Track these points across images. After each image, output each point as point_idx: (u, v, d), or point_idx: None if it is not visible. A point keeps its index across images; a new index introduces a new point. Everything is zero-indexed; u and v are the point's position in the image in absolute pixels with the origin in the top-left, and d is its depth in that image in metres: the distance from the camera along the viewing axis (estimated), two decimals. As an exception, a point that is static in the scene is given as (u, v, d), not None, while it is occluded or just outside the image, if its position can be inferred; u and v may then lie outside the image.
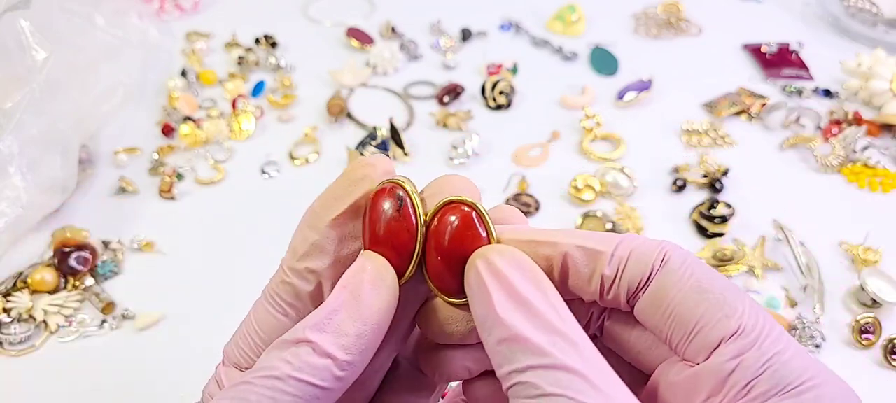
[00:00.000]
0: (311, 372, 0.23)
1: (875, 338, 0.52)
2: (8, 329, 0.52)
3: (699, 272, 0.23)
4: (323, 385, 0.23)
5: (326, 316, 0.24)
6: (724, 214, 0.61)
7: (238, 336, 0.28)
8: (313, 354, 0.23)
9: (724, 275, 0.25)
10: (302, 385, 0.23)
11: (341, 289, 0.25)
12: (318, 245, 0.27)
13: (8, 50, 0.56)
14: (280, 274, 0.28)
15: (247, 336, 0.28)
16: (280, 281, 0.27)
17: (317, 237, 0.27)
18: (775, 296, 0.53)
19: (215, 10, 0.91)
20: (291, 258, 0.27)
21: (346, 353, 0.23)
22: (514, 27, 0.89)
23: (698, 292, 0.23)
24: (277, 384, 0.23)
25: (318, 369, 0.23)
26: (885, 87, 0.74)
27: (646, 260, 0.24)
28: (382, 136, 0.69)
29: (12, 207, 0.56)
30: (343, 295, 0.24)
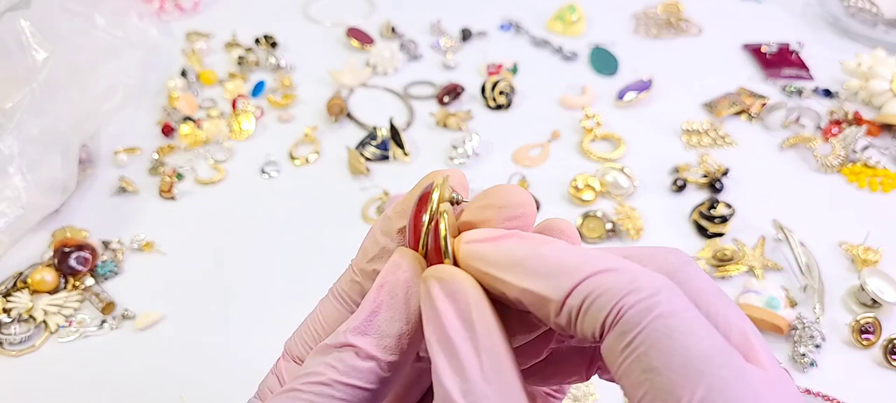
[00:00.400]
0: (357, 376, 0.23)
1: (875, 338, 0.52)
2: (8, 329, 0.52)
3: (653, 340, 0.19)
4: (369, 387, 0.23)
5: (367, 318, 0.24)
6: (724, 214, 0.61)
7: (302, 331, 0.28)
8: (357, 358, 0.23)
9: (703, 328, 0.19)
10: (349, 389, 0.23)
11: (379, 289, 0.24)
12: (387, 249, 0.27)
13: (8, 50, 0.56)
14: (349, 273, 0.28)
15: (312, 331, 0.28)
16: (349, 279, 0.28)
17: (386, 241, 0.27)
18: (775, 296, 0.53)
19: (215, 10, 0.91)
20: (361, 258, 0.27)
21: (389, 354, 0.24)
22: (514, 27, 0.89)
23: (643, 371, 0.19)
24: (325, 390, 0.23)
25: (364, 372, 0.23)
26: (885, 87, 0.74)
27: (597, 315, 0.20)
28: (382, 136, 0.69)
29: (12, 207, 0.56)
30: (381, 295, 0.24)
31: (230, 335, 0.53)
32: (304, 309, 0.42)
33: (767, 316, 0.52)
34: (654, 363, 0.19)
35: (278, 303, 0.55)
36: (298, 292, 0.55)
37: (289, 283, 0.56)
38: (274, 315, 0.54)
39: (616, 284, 0.20)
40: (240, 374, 0.50)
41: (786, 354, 0.51)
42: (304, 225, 0.61)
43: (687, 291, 0.20)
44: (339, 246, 0.59)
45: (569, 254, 0.21)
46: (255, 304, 0.55)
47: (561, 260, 0.21)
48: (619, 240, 0.61)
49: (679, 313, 0.19)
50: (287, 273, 0.57)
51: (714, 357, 0.19)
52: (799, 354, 0.50)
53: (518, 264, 0.22)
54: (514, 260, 0.22)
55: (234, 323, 0.53)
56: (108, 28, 0.70)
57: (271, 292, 0.56)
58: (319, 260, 0.58)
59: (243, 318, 0.54)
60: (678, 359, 0.19)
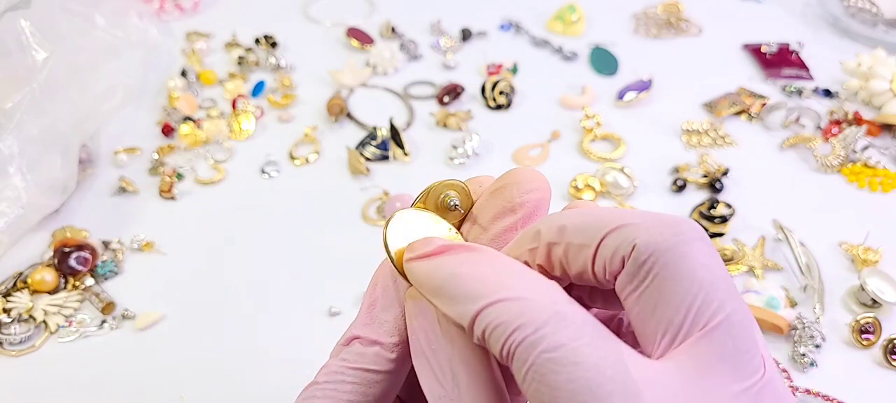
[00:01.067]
0: (365, 361, 0.26)
1: (875, 338, 0.52)
2: (8, 329, 0.52)
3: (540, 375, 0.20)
4: (379, 369, 0.26)
5: (366, 312, 0.27)
6: (724, 214, 0.61)
7: None
8: (362, 346, 0.26)
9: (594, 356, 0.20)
10: (358, 372, 0.26)
11: (373, 288, 0.28)
12: None
13: (8, 50, 0.56)
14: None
15: None
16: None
17: None
18: (775, 296, 0.53)
19: (215, 10, 0.91)
20: None
21: (390, 336, 0.26)
22: (514, 27, 0.89)
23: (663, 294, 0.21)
24: (337, 376, 0.26)
25: (370, 356, 0.26)
26: (885, 87, 0.74)
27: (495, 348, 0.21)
28: (382, 136, 0.69)
29: (12, 207, 0.56)
30: (376, 292, 0.27)
31: (230, 335, 0.53)
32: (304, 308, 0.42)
33: (767, 316, 0.52)
34: (545, 398, 0.19)
35: (278, 303, 0.55)
36: (298, 292, 0.55)
37: (289, 283, 0.56)
38: (274, 315, 0.54)
39: (506, 318, 0.20)
40: (240, 374, 0.50)
41: (786, 354, 0.51)
42: (304, 225, 0.61)
43: (672, 273, 0.20)
44: (339, 246, 0.59)
45: (479, 278, 0.22)
46: (255, 304, 0.55)
47: (469, 286, 0.22)
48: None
49: (565, 345, 0.19)
50: (287, 273, 0.57)
51: (601, 387, 0.19)
52: (799, 354, 0.50)
53: (438, 288, 0.23)
54: (435, 285, 0.23)
55: (234, 323, 0.53)
56: (108, 28, 0.70)
57: (271, 292, 0.56)
58: (319, 260, 0.58)
59: (243, 318, 0.54)
60: (564, 393, 0.19)
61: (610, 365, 0.19)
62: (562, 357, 0.19)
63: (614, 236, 0.21)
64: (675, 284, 0.20)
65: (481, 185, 0.28)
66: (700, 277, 0.20)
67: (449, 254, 0.23)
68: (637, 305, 0.21)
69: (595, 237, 0.22)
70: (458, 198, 0.27)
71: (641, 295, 0.21)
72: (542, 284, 0.21)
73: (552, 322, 0.20)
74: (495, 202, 0.26)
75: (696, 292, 0.20)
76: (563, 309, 0.20)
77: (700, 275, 0.20)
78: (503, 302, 0.21)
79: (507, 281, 0.21)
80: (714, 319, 0.20)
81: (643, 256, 0.21)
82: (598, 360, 0.19)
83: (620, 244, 0.21)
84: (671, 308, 0.20)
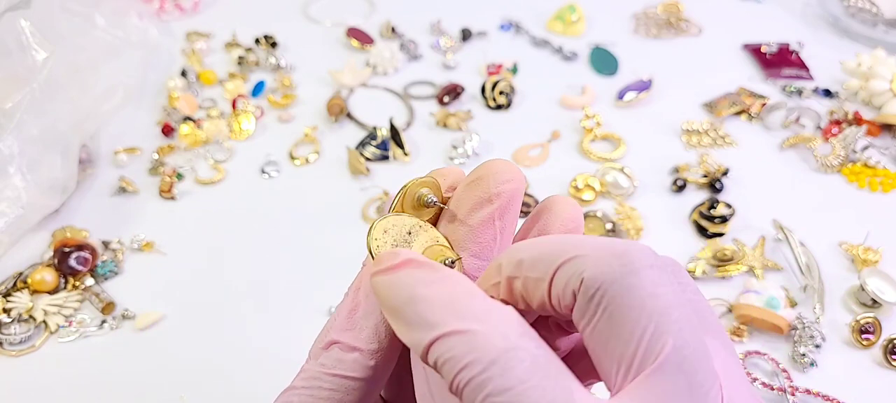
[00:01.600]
0: (343, 367, 0.26)
1: (875, 338, 0.52)
2: (8, 329, 0.52)
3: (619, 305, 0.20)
4: (357, 376, 0.26)
5: (347, 317, 0.27)
6: (724, 214, 0.61)
7: None
8: (341, 352, 0.26)
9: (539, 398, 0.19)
10: (336, 379, 0.26)
11: (355, 292, 0.27)
12: None
13: (8, 50, 0.56)
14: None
15: None
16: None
17: None
18: (775, 296, 0.53)
19: (215, 10, 0.91)
20: None
21: (370, 343, 0.26)
22: (514, 27, 0.89)
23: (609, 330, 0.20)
24: (314, 382, 0.26)
25: (348, 363, 0.26)
26: (885, 87, 0.74)
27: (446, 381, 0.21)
28: (382, 136, 0.69)
29: (12, 207, 0.56)
30: (358, 296, 0.27)
31: (230, 335, 0.53)
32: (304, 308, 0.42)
33: (767, 316, 0.52)
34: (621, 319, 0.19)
35: (278, 303, 0.55)
36: (298, 292, 0.55)
37: (289, 283, 0.56)
38: (274, 315, 0.54)
39: (456, 353, 0.20)
40: (240, 374, 0.50)
41: (786, 354, 0.51)
42: (304, 225, 0.61)
43: (620, 305, 0.20)
44: (339, 246, 0.59)
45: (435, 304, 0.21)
46: (255, 304, 0.55)
47: (424, 312, 0.21)
48: (619, 240, 0.61)
49: (512, 388, 0.19)
50: (287, 273, 0.57)
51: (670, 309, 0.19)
52: (799, 354, 0.50)
53: (396, 310, 0.22)
54: (392, 306, 0.22)
55: (234, 323, 0.53)
56: (108, 28, 0.70)
57: (271, 292, 0.56)
58: (319, 260, 0.58)
59: (243, 318, 0.54)
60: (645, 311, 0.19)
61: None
62: (508, 401, 0.19)
63: (564, 270, 0.21)
64: (623, 317, 0.20)
65: (446, 177, 0.28)
66: (649, 307, 0.19)
67: (409, 269, 0.22)
68: (591, 339, 0.20)
69: (548, 271, 0.21)
70: (434, 194, 0.27)
71: (594, 330, 0.20)
72: (497, 313, 0.21)
73: (501, 361, 0.19)
74: (472, 194, 0.27)
75: (644, 324, 0.19)
76: (514, 343, 0.20)
77: (649, 306, 0.19)
78: (454, 334, 0.20)
79: (463, 308, 0.21)
80: (663, 352, 0.19)
81: (591, 290, 0.20)
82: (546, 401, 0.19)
83: (570, 278, 0.21)
84: (621, 341, 0.19)
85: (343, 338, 0.26)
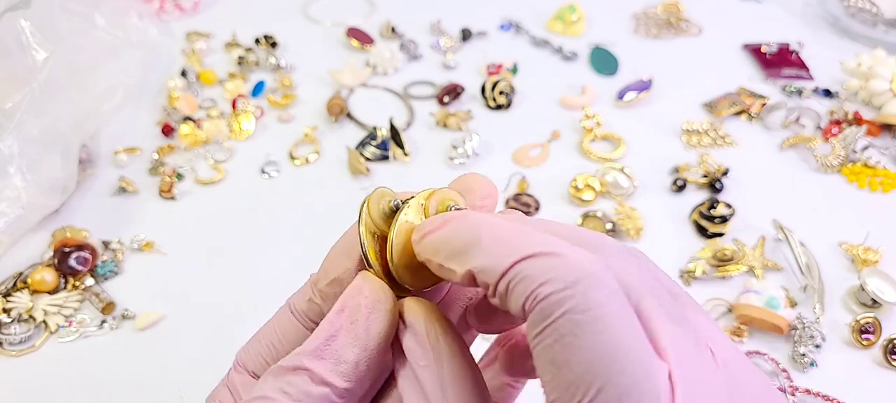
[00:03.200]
0: (309, 400, 0.23)
1: (875, 338, 0.52)
2: (8, 329, 0.52)
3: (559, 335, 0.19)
4: None
5: (324, 342, 0.24)
6: (724, 214, 0.61)
7: (257, 344, 0.28)
8: (310, 382, 0.23)
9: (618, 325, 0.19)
10: None
11: (338, 313, 0.24)
12: (351, 271, 0.26)
13: (8, 50, 0.56)
14: (307, 290, 0.27)
15: (269, 344, 0.27)
16: (307, 298, 0.27)
17: (350, 264, 0.26)
18: (775, 296, 0.53)
19: (215, 10, 0.91)
20: (322, 278, 0.27)
21: (345, 380, 0.23)
22: (514, 27, 0.89)
23: (549, 362, 0.19)
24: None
25: (316, 398, 0.23)
26: (885, 87, 0.74)
27: (518, 301, 0.20)
28: (382, 136, 0.69)
29: (12, 207, 0.56)
30: (340, 319, 0.24)
31: (230, 335, 0.53)
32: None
33: (767, 316, 0.52)
34: (559, 357, 0.19)
35: (278, 303, 0.55)
36: (298, 292, 0.55)
37: (289, 283, 0.56)
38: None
39: (536, 271, 0.20)
40: (240, 374, 0.50)
41: (786, 354, 0.51)
42: (304, 225, 0.61)
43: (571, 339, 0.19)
44: (339, 246, 0.59)
45: (502, 240, 0.21)
46: (255, 304, 0.55)
47: (493, 247, 0.21)
48: (619, 241, 0.61)
49: (592, 309, 0.19)
50: (287, 273, 0.57)
51: (619, 358, 0.18)
52: (799, 354, 0.50)
53: (466, 244, 0.22)
54: (456, 250, 0.22)
55: (234, 323, 0.53)
56: (108, 28, 0.70)
57: (271, 292, 0.56)
58: (319, 261, 0.58)
59: (243, 318, 0.54)
60: (580, 357, 0.19)
61: (633, 339, 0.19)
62: (588, 321, 0.19)
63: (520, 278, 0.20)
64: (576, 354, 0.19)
65: None
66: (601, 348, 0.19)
67: (473, 214, 0.23)
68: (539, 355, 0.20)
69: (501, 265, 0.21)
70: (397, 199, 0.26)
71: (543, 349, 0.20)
72: (573, 247, 0.20)
73: (584, 282, 0.19)
74: None
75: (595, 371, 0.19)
76: (595, 270, 0.19)
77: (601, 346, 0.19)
78: (537, 256, 0.20)
79: (540, 238, 0.21)
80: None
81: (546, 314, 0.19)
82: (621, 333, 0.19)
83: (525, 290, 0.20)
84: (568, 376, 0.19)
85: (316, 368, 0.23)
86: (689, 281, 0.57)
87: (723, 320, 0.54)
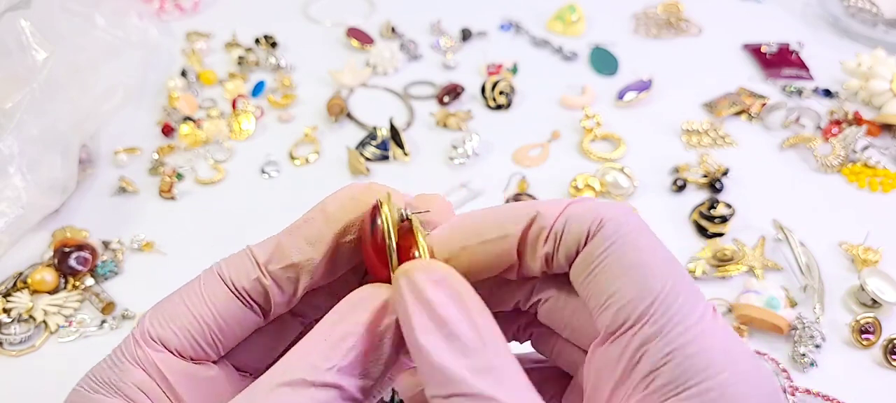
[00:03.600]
0: None
1: (875, 338, 0.52)
2: (8, 329, 0.52)
3: (631, 244, 0.23)
4: None
5: (356, 359, 0.23)
6: (724, 214, 0.61)
7: (178, 316, 0.26)
8: (339, 398, 0.22)
9: (664, 250, 0.24)
10: None
11: (370, 332, 0.23)
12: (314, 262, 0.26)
13: (8, 50, 0.56)
14: (251, 269, 0.26)
15: (201, 321, 0.26)
16: (253, 278, 0.26)
17: (314, 255, 0.26)
18: (775, 296, 0.53)
19: (215, 10, 0.91)
20: (277, 260, 0.26)
21: (365, 396, 0.23)
22: (514, 27, 0.89)
23: (620, 266, 0.23)
24: None
25: None
26: (885, 87, 0.74)
27: (580, 229, 0.23)
28: (382, 136, 0.69)
29: (12, 207, 0.56)
30: (373, 337, 0.24)
31: (230, 335, 0.53)
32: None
33: (767, 316, 0.52)
34: (631, 258, 0.23)
35: (278, 303, 0.55)
36: (298, 292, 0.55)
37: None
38: (274, 315, 0.54)
39: (591, 207, 0.24)
40: (240, 374, 0.50)
41: (786, 354, 0.51)
42: (304, 225, 0.61)
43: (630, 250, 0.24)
44: (339, 246, 0.59)
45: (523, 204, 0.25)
46: (255, 304, 0.55)
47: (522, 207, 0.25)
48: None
49: (643, 229, 0.24)
50: (287, 273, 0.57)
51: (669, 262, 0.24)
52: (799, 354, 0.50)
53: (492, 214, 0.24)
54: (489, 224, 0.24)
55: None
56: (108, 28, 0.70)
57: (271, 292, 0.56)
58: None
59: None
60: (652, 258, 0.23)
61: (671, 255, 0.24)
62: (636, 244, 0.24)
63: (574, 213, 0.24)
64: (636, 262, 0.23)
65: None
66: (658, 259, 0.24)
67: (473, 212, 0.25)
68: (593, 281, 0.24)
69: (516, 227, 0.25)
70: None
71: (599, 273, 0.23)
72: None
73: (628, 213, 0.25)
74: None
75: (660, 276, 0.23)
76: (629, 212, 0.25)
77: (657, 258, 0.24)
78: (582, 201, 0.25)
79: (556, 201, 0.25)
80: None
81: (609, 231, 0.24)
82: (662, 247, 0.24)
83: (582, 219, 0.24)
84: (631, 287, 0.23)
85: (348, 385, 0.22)
86: (689, 281, 0.57)
87: (723, 320, 0.54)
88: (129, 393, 0.24)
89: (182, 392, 0.24)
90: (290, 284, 0.26)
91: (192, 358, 0.25)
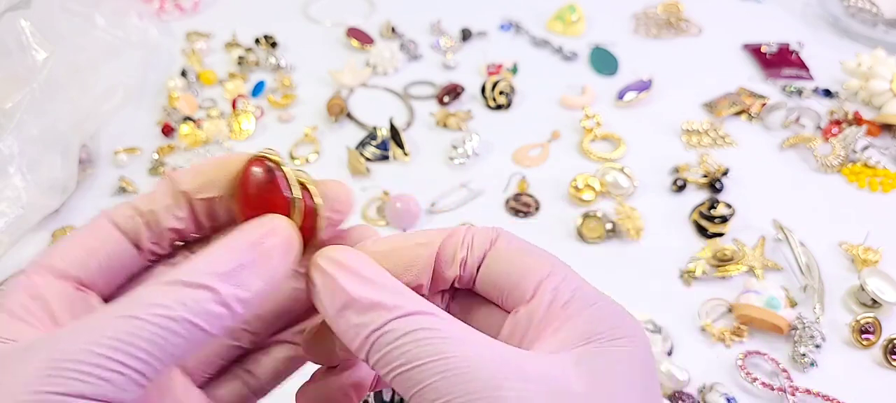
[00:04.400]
0: (207, 319, 0.23)
1: (875, 338, 0.52)
2: (8, 329, 0.51)
3: (524, 242, 0.27)
4: (212, 332, 0.23)
5: (234, 269, 0.24)
6: (724, 214, 0.61)
7: (73, 248, 0.27)
8: (212, 302, 0.23)
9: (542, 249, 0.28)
10: (195, 329, 0.23)
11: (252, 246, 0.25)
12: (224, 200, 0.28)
13: (8, 50, 0.57)
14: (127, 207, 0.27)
15: (94, 252, 0.27)
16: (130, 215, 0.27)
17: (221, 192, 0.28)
18: (775, 296, 0.53)
19: (215, 10, 0.91)
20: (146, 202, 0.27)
21: (243, 308, 0.24)
22: (514, 27, 0.89)
23: (519, 255, 0.27)
24: (170, 324, 0.22)
25: (214, 317, 0.23)
26: (885, 87, 0.74)
27: (485, 236, 0.27)
28: (382, 136, 0.69)
29: (12, 207, 0.56)
30: (253, 253, 0.24)
31: (230, 335, 0.53)
32: (304, 308, 0.40)
33: (767, 316, 0.52)
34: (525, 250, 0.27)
35: (278, 303, 0.55)
36: (298, 292, 0.55)
37: (289, 283, 0.56)
38: (274, 315, 0.54)
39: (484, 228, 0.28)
40: (240, 374, 0.50)
41: (786, 354, 0.51)
42: (304, 225, 0.61)
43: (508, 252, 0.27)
44: (339, 246, 0.59)
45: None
46: (255, 304, 0.55)
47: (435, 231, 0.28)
48: (619, 241, 0.61)
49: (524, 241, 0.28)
50: (287, 273, 0.57)
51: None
52: (799, 354, 0.50)
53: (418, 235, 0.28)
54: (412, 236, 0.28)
55: (234, 323, 0.53)
56: (108, 28, 0.70)
57: (271, 292, 0.56)
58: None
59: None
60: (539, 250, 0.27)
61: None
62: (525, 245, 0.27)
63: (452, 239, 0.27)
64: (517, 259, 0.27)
65: None
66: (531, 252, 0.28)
67: None
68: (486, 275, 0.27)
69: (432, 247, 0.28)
70: None
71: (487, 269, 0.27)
72: None
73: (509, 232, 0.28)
74: None
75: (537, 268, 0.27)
76: None
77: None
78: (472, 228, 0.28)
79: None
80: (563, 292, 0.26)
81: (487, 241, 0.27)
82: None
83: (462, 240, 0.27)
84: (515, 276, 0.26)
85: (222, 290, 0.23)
86: (689, 281, 0.57)
87: (723, 320, 0.54)
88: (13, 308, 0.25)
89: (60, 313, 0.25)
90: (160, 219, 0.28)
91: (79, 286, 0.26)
